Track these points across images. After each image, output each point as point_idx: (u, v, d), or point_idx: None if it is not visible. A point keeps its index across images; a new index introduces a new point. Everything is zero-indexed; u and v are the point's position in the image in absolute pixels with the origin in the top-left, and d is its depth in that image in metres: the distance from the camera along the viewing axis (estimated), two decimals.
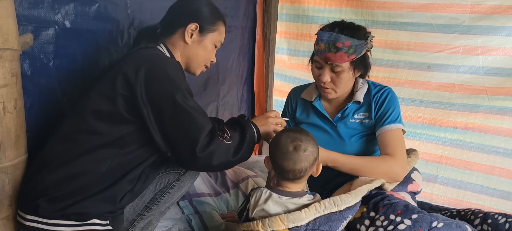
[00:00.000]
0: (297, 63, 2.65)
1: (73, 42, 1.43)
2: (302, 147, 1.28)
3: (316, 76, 1.54)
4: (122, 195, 1.25)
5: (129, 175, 1.25)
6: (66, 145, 1.21)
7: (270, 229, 1.24)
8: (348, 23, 1.47)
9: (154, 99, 1.19)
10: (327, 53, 1.42)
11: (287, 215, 1.26)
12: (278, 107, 2.79)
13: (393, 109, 1.53)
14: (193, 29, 1.38)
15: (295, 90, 1.78)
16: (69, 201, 1.17)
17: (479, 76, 2.06)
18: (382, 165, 1.45)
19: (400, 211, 1.27)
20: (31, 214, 1.18)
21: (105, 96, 1.21)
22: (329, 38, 1.42)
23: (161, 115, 1.20)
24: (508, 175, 2.05)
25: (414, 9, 2.14)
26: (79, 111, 1.24)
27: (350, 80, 1.51)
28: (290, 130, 1.37)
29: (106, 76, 1.26)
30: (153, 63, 1.24)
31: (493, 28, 1.99)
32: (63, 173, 1.18)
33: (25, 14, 1.26)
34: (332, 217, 1.27)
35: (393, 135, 1.49)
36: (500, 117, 2.04)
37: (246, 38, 2.51)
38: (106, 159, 1.21)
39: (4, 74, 1.12)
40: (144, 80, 1.18)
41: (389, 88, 1.59)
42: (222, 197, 1.98)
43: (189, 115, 1.20)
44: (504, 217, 1.36)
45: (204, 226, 1.72)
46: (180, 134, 1.20)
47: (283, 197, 1.31)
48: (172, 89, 1.21)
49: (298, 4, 2.54)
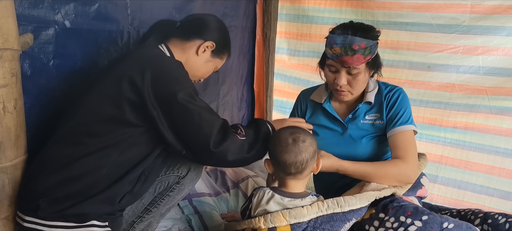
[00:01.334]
0: (297, 63, 2.65)
1: (73, 42, 1.43)
2: (301, 138, 1.30)
3: (331, 80, 1.51)
4: (121, 196, 1.25)
5: (129, 176, 1.24)
6: (67, 147, 1.21)
7: (271, 225, 1.25)
8: (359, 24, 1.45)
9: (163, 100, 1.20)
10: (344, 56, 1.39)
11: (289, 211, 1.26)
12: (278, 107, 2.79)
13: (404, 110, 1.51)
14: (209, 47, 1.41)
15: (305, 92, 1.76)
16: (68, 203, 1.17)
17: (479, 76, 2.06)
18: (392, 170, 1.44)
19: (410, 213, 1.27)
20: (30, 215, 1.18)
21: (108, 99, 1.21)
22: (345, 41, 1.39)
23: (172, 115, 1.21)
24: (508, 175, 2.05)
25: (414, 9, 2.13)
26: (80, 112, 1.23)
27: (365, 81, 1.51)
28: (288, 126, 1.39)
29: (107, 77, 1.25)
30: (158, 64, 1.24)
31: (493, 28, 1.98)
32: (63, 175, 1.18)
33: (25, 14, 1.25)
34: (335, 217, 1.28)
35: (404, 137, 1.47)
36: (500, 117, 2.03)
37: (246, 38, 2.51)
38: (107, 161, 1.20)
39: (4, 74, 1.12)
40: (151, 82, 1.18)
41: (400, 88, 1.57)
42: (222, 197, 1.98)
43: (198, 113, 1.22)
44: (504, 217, 1.36)
45: (204, 226, 1.72)
46: (192, 131, 1.22)
47: (285, 198, 1.31)
48: (178, 88, 1.21)
49: (298, 4, 2.54)
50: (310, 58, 2.56)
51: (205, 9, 2.04)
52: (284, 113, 2.77)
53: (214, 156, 1.23)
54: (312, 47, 2.54)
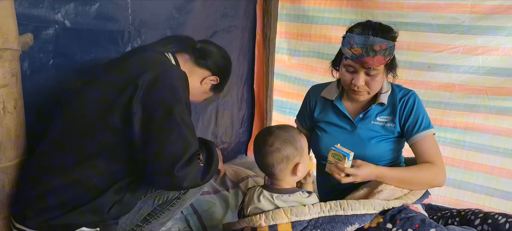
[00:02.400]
0: (297, 63, 2.65)
1: (73, 42, 1.43)
2: (268, 142, 1.30)
3: (348, 80, 1.48)
4: (110, 206, 1.20)
5: (115, 186, 1.19)
6: (54, 153, 1.18)
7: (272, 222, 1.25)
8: (379, 25, 1.42)
9: (150, 104, 1.14)
10: (365, 57, 1.36)
11: (291, 208, 1.27)
12: (278, 107, 2.79)
13: (423, 114, 1.52)
14: (213, 81, 1.47)
15: (315, 89, 1.74)
16: (55, 213, 1.15)
17: (479, 76, 2.05)
18: (427, 175, 1.46)
19: (417, 225, 1.27)
20: (19, 223, 1.17)
21: (101, 104, 1.16)
22: (366, 41, 1.35)
23: (151, 121, 1.13)
24: (508, 175, 2.05)
25: (414, 9, 2.13)
26: (70, 117, 1.20)
27: (382, 82, 1.50)
28: (274, 126, 1.41)
29: (107, 81, 1.21)
30: (160, 69, 1.21)
31: (493, 28, 1.98)
32: (50, 184, 1.15)
33: (25, 14, 1.26)
34: (336, 219, 1.28)
35: (429, 143, 1.50)
36: (500, 117, 2.03)
37: (246, 38, 2.51)
38: (97, 171, 1.16)
39: (4, 74, 1.11)
40: (147, 84, 1.14)
41: (413, 91, 1.57)
42: (221, 195, 1.98)
43: (179, 130, 1.14)
44: (504, 217, 1.36)
45: (202, 226, 1.72)
46: (164, 145, 1.12)
47: (274, 194, 1.32)
48: (172, 98, 1.17)
49: (298, 4, 2.53)
50: (310, 58, 2.56)
51: (205, 9, 2.04)
52: (284, 113, 2.77)
53: (172, 180, 1.13)
54: (312, 47, 2.54)
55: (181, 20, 1.86)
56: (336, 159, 1.37)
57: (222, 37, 2.23)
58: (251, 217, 1.30)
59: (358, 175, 1.38)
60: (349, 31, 1.44)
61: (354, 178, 1.38)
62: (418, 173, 1.47)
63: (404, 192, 1.46)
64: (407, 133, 1.52)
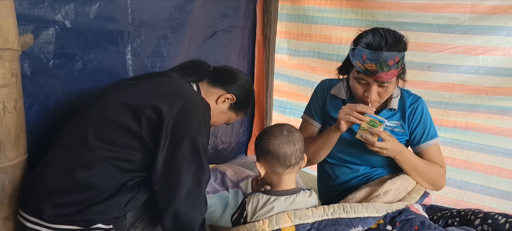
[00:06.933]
0: (297, 63, 2.65)
1: (73, 42, 1.43)
2: (293, 129, 1.35)
3: (360, 93, 1.46)
4: (127, 201, 1.24)
5: (129, 182, 1.24)
6: (76, 151, 1.20)
7: (276, 226, 1.25)
8: (391, 36, 1.36)
9: (178, 133, 1.20)
10: (380, 73, 1.34)
11: (294, 211, 1.27)
12: (278, 107, 2.79)
13: (430, 123, 1.56)
14: (229, 99, 1.45)
15: (324, 84, 1.70)
16: (74, 209, 1.17)
17: (479, 76, 2.05)
18: (435, 172, 1.52)
19: (417, 227, 1.27)
20: (34, 217, 1.17)
21: (128, 110, 1.20)
22: (380, 58, 1.32)
23: (177, 149, 1.20)
24: (508, 175, 2.05)
25: (414, 9, 2.13)
26: (95, 116, 1.23)
27: (394, 89, 1.51)
28: (272, 125, 1.44)
29: (129, 88, 1.28)
30: (188, 100, 1.25)
31: (493, 28, 1.98)
32: (71, 181, 1.17)
33: (25, 14, 1.26)
34: (339, 222, 1.28)
35: (436, 149, 1.56)
36: (500, 117, 2.03)
37: (246, 38, 2.51)
38: (117, 172, 1.20)
39: (4, 74, 1.12)
40: (176, 114, 1.20)
41: (421, 99, 1.59)
42: (221, 195, 1.98)
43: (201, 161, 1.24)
44: (504, 217, 1.36)
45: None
46: (185, 173, 1.22)
47: (281, 197, 1.31)
48: (198, 130, 1.23)
49: (298, 4, 2.53)
50: (310, 58, 2.56)
51: (205, 9, 2.04)
52: (284, 113, 2.77)
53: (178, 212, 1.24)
54: (312, 47, 2.54)
55: (181, 20, 1.86)
56: (370, 126, 1.39)
57: (222, 37, 2.23)
58: (253, 223, 1.29)
59: (389, 141, 1.41)
60: (358, 39, 1.39)
61: (385, 144, 1.40)
62: (430, 167, 1.52)
63: (408, 190, 1.48)
64: (414, 141, 1.55)
